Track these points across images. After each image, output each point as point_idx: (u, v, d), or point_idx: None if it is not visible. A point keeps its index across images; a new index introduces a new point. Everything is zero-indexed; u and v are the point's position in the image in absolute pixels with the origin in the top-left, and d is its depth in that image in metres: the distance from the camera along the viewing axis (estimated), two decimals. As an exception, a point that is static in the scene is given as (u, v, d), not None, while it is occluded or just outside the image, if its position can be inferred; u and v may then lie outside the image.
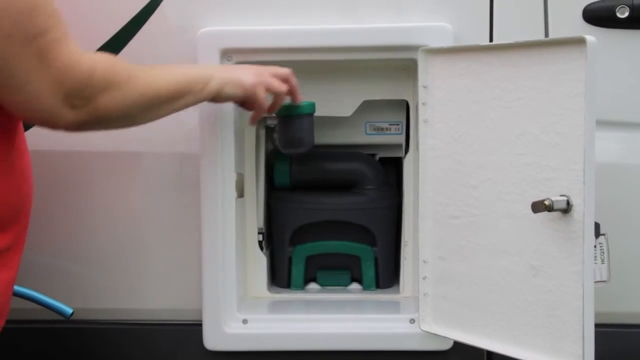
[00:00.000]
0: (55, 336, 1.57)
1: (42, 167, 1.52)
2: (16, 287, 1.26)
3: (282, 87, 1.37)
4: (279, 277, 1.68)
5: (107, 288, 1.56)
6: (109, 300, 1.56)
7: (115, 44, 1.46)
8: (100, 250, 1.55)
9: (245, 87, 1.32)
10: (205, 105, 1.44)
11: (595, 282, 1.39)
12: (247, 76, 1.33)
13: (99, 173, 1.54)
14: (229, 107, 1.46)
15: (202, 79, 1.27)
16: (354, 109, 1.58)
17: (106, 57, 1.10)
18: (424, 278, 1.43)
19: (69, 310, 1.31)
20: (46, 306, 1.31)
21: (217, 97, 1.30)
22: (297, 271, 1.66)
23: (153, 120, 1.22)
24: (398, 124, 1.65)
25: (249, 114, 1.57)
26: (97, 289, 1.56)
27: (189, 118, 1.50)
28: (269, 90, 1.36)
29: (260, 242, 1.63)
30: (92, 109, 1.06)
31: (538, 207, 1.19)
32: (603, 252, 1.43)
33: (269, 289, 1.65)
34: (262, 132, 1.64)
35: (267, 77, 1.36)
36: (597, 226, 1.35)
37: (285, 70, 1.39)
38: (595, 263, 1.41)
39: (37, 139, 1.50)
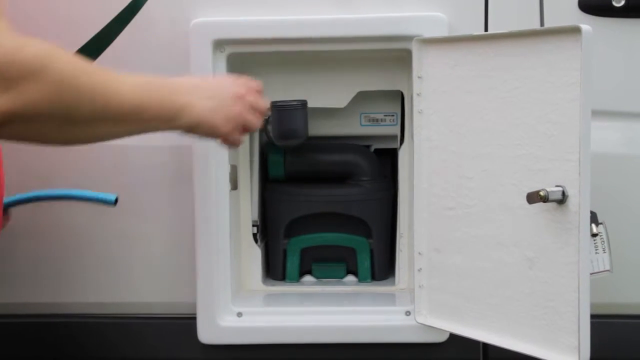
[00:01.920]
0: (46, 330, 1.56)
1: (37, 160, 1.52)
2: (53, 191, 1.28)
3: (258, 126, 1.24)
4: (273, 270, 1.67)
5: (100, 281, 1.55)
6: (102, 294, 1.55)
7: (105, 36, 1.45)
8: (93, 243, 1.54)
9: (219, 134, 1.17)
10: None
11: (599, 271, 1.39)
12: (223, 121, 1.16)
13: (92, 166, 1.53)
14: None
15: (173, 106, 1.08)
16: (349, 100, 1.57)
17: (46, 43, 0.90)
18: (420, 270, 1.42)
19: (112, 197, 1.31)
20: (88, 200, 1.31)
21: (184, 132, 1.14)
22: (292, 264, 1.65)
23: (98, 138, 1.02)
24: (393, 115, 1.64)
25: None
26: (90, 282, 1.55)
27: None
28: (244, 130, 1.22)
29: (254, 235, 1.63)
30: (17, 95, 0.86)
31: (533, 198, 1.18)
32: (604, 241, 1.42)
33: (264, 282, 1.64)
34: (256, 124, 1.63)
35: (246, 113, 1.21)
36: (594, 215, 1.35)
37: (263, 104, 1.26)
38: (597, 253, 1.40)
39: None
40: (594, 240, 1.39)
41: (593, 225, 1.35)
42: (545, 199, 1.16)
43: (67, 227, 1.54)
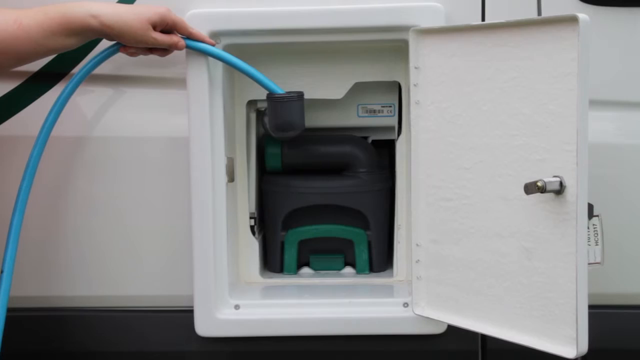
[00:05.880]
0: (41, 323, 1.56)
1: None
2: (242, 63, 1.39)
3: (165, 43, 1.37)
4: (271, 262, 1.67)
5: (96, 274, 1.55)
6: (98, 287, 1.55)
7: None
8: (90, 236, 1.54)
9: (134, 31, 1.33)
10: (195, 88, 1.43)
11: (589, 263, 1.38)
12: (133, 16, 1.32)
13: (89, 159, 1.52)
14: (219, 91, 1.45)
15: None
16: (346, 91, 1.57)
17: None
18: (417, 261, 1.42)
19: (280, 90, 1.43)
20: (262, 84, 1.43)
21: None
22: (290, 256, 1.65)
23: None
24: (390, 106, 1.63)
25: (240, 99, 1.57)
26: (88, 275, 1.55)
27: (178, 102, 1.49)
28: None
29: (252, 227, 1.62)
30: None
31: (531, 188, 1.18)
32: (597, 234, 1.42)
33: (262, 274, 1.64)
34: (253, 116, 1.62)
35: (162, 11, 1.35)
36: (590, 207, 1.34)
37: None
38: (589, 245, 1.40)
39: (29, 124, 1.50)
40: (587, 231, 1.38)
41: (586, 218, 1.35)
42: (542, 190, 1.16)
43: (63, 220, 1.54)
